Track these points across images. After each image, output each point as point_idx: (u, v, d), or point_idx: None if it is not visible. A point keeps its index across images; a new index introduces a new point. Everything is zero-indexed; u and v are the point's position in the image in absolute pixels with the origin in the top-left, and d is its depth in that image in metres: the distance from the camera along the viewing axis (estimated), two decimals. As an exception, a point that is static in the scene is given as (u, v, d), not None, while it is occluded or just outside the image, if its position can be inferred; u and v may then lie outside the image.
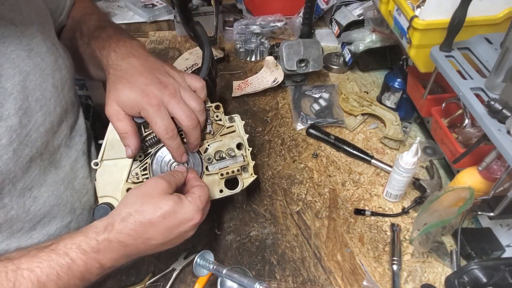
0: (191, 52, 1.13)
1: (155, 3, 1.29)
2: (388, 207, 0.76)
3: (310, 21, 1.10)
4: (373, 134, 0.91)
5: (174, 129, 0.58)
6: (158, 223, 0.52)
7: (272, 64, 1.00)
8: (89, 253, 0.49)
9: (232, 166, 0.64)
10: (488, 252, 0.65)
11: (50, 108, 0.58)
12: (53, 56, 0.60)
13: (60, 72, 0.61)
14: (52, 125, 0.59)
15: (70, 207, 0.64)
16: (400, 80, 0.89)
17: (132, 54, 0.60)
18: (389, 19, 0.81)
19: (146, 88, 0.56)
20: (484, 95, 0.60)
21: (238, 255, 0.68)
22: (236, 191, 0.65)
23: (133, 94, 0.56)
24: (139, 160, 0.62)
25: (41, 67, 0.57)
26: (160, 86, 0.57)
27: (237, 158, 0.64)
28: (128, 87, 0.56)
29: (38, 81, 0.56)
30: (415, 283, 0.64)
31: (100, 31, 0.66)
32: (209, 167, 0.63)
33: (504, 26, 0.68)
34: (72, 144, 0.66)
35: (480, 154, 0.64)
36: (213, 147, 0.64)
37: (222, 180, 0.64)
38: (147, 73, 0.58)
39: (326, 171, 0.82)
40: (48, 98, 0.58)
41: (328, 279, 0.65)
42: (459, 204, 0.62)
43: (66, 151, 0.64)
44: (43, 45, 0.58)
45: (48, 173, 0.60)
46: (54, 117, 0.60)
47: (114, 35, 0.64)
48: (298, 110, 0.95)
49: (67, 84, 0.63)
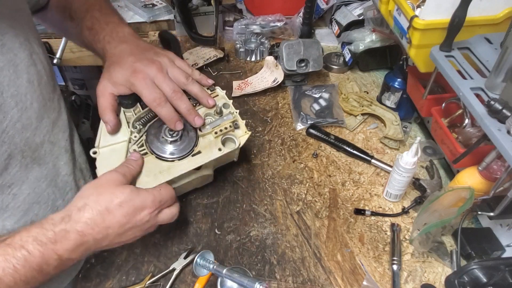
0: (191, 52, 1.13)
1: (155, 3, 1.29)
2: (388, 207, 0.76)
3: (310, 21, 1.10)
4: (373, 134, 0.91)
5: (162, 97, 0.61)
6: (115, 210, 0.52)
7: (272, 64, 1.00)
8: (46, 244, 0.48)
9: (223, 124, 0.67)
10: (488, 252, 0.65)
11: (27, 103, 0.58)
12: (27, 51, 0.59)
13: (35, 67, 0.61)
14: (30, 121, 0.59)
15: (51, 204, 0.64)
16: (400, 80, 0.89)
17: (124, 41, 0.66)
18: (389, 19, 0.81)
19: (134, 65, 0.62)
20: (484, 95, 0.60)
21: (238, 255, 0.68)
22: (234, 149, 0.67)
23: (123, 71, 0.61)
24: (135, 139, 0.64)
25: (14, 63, 0.56)
26: (147, 62, 0.62)
27: (226, 116, 0.68)
28: (118, 67, 0.62)
29: (12, 76, 0.56)
30: (415, 283, 0.64)
31: (90, 18, 0.69)
32: (202, 129, 0.66)
33: (504, 26, 0.68)
34: (55, 140, 0.66)
35: (480, 154, 0.64)
36: (202, 111, 0.68)
37: (217, 139, 0.66)
38: (137, 54, 0.64)
39: (326, 171, 0.82)
40: (23, 93, 0.58)
41: (328, 279, 0.65)
42: (459, 204, 0.62)
43: (50, 147, 0.64)
44: (15, 41, 0.57)
45: (30, 170, 0.60)
46: (32, 112, 0.59)
47: (104, 22, 0.68)
48: (298, 110, 0.95)
49: (43, 79, 0.63)
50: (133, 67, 0.62)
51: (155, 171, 0.61)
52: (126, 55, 0.63)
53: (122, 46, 0.65)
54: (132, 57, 0.63)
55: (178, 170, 0.62)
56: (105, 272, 0.66)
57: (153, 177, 0.60)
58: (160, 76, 0.62)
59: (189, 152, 0.64)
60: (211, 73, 1.08)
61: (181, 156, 0.63)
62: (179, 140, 0.64)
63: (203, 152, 0.64)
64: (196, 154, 0.64)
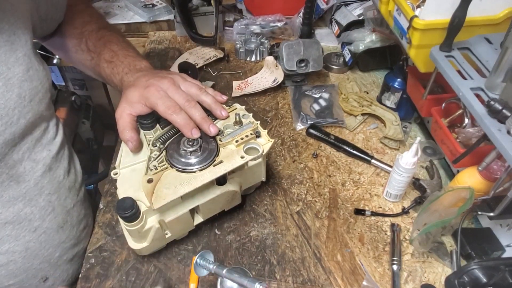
0: (191, 52, 1.13)
1: (155, 3, 1.29)
2: (388, 207, 0.76)
3: (310, 21, 1.10)
4: (373, 134, 0.91)
5: (176, 106, 0.62)
6: None
7: (272, 64, 1.00)
8: None
9: (243, 132, 0.66)
10: (488, 252, 0.65)
11: (13, 118, 0.56)
12: (23, 66, 0.58)
13: (31, 82, 0.59)
14: (13, 137, 0.57)
15: (28, 225, 0.63)
16: (400, 80, 0.89)
17: (140, 71, 0.69)
18: (389, 19, 0.81)
19: (147, 82, 0.64)
20: (484, 95, 0.60)
21: (238, 255, 0.68)
22: (257, 156, 0.65)
23: (137, 90, 0.63)
24: (155, 157, 0.63)
25: (5, 76, 0.55)
26: (159, 78, 0.64)
27: (246, 125, 0.68)
28: (133, 88, 0.64)
29: (1, 89, 0.55)
30: (415, 283, 0.64)
31: (108, 52, 0.72)
32: (222, 139, 0.65)
33: (504, 26, 0.68)
34: (38, 158, 0.63)
35: (480, 154, 0.64)
36: (220, 124, 0.68)
37: (239, 147, 0.65)
38: (150, 74, 0.66)
39: (326, 171, 0.82)
40: (11, 108, 0.56)
41: (328, 279, 0.65)
42: (459, 204, 0.62)
43: (32, 165, 0.62)
44: (11, 55, 0.56)
45: (6, 188, 0.58)
46: (17, 128, 0.57)
47: (122, 56, 0.72)
48: (298, 110, 0.95)
49: (37, 96, 0.61)
50: (146, 84, 0.63)
51: (176, 183, 0.59)
52: (141, 78, 0.66)
53: (138, 74, 0.68)
54: (145, 78, 0.65)
55: (199, 181, 0.59)
56: (105, 272, 0.66)
57: (173, 189, 0.58)
58: (173, 88, 0.63)
59: (210, 162, 0.62)
60: (211, 73, 1.08)
61: (202, 166, 0.61)
62: (199, 150, 0.62)
63: (225, 161, 0.62)
64: (218, 164, 0.62)
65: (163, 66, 1.11)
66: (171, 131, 0.66)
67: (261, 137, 0.68)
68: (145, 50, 1.19)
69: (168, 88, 0.63)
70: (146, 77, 0.65)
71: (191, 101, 0.63)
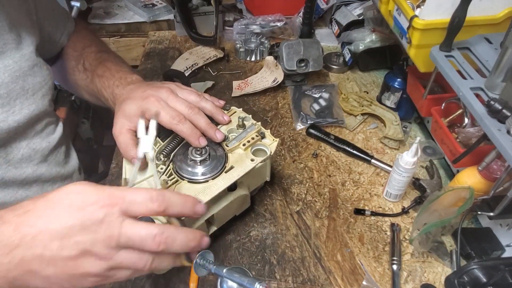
0: (191, 52, 1.13)
1: (155, 3, 1.29)
2: (388, 207, 0.76)
3: (310, 21, 1.10)
4: (373, 134, 0.91)
5: (180, 115, 0.60)
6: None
7: (272, 64, 1.00)
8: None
9: (248, 135, 0.66)
10: (488, 252, 0.65)
11: (15, 108, 0.61)
12: (29, 62, 0.62)
13: (34, 77, 0.63)
14: (17, 125, 0.61)
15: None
16: (400, 80, 0.89)
17: (132, 83, 0.68)
18: (389, 19, 0.81)
19: (143, 94, 0.62)
20: (484, 95, 0.60)
21: (238, 255, 0.68)
22: (266, 158, 0.65)
23: (134, 102, 0.61)
24: (162, 171, 0.61)
25: (11, 68, 0.60)
26: (156, 88, 0.63)
27: (249, 128, 0.68)
28: (129, 101, 0.62)
29: (6, 80, 0.59)
30: (415, 283, 0.64)
31: (102, 68, 0.73)
32: (228, 144, 0.65)
33: (504, 26, 0.68)
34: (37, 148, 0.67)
35: (480, 154, 0.64)
36: (224, 129, 0.67)
37: (247, 151, 0.65)
38: (145, 86, 0.65)
39: (326, 171, 0.82)
40: (13, 98, 0.60)
41: (328, 279, 0.65)
42: (459, 204, 0.62)
43: (30, 153, 0.66)
44: (17, 52, 0.61)
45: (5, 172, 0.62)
46: (21, 117, 0.61)
47: (115, 70, 0.71)
48: (298, 110, 0.95)
49: (41, 91, 0.65)
50: (143, 95, 0.61)
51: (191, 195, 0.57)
52: (135, 90, 0.64)
53: (130, 86, 0.67)
54: (141, 89, 0.63)
55: (214, 190, 0.58)
56: (105, 272, 0.65)
57: None
58: (172, 97, 0.62)
59: (221, 169, 0.61)
60: (211, 73, 1.08)
61: (214, 174, 0.60)
62: (208, 159, 0.62)
63: (235, 166, 0.62)
64: (229, 170, 0.61)
65: (163, 66, 1.11)
66: (173, 142, 0.65)
67: (265, 137, 0.68)
68: (145, 50, 1.19)
69: (168, 97, 0.61)
70: (141, 88, 0.64)
71: (193, 108, 0.62)
